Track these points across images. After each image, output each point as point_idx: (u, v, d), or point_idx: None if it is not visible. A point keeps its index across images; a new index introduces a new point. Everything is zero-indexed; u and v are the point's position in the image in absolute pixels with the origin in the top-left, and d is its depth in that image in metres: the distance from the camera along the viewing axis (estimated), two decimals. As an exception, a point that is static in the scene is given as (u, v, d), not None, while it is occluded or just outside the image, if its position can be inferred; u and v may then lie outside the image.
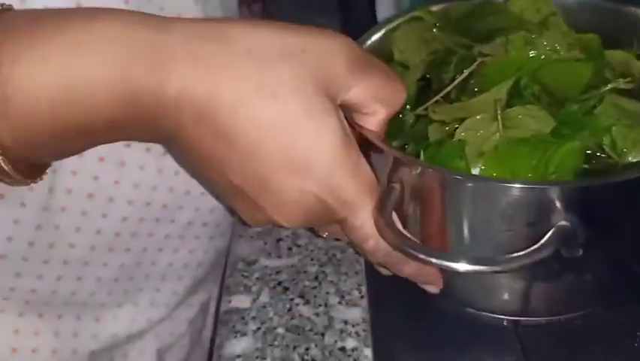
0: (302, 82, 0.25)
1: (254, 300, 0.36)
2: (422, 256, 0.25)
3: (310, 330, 0.34)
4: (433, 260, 0.25)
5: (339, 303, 0.35)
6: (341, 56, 0.26)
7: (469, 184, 0.27)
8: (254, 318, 0.34)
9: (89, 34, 0.24)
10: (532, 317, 0.32)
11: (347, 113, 0.28)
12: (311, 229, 0.36)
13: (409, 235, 0.28)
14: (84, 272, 0.37)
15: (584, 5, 0.36)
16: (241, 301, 0.36)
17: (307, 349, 0.33)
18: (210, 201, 0.40)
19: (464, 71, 0.33)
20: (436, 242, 0.29)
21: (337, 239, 0.36)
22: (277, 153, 0.25)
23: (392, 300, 0.35)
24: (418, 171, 0.27)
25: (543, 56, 0.32)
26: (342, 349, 0.32)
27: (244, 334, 0.34)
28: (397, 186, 0.28)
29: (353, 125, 0.29)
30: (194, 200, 0.39)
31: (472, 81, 0.33)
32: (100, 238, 0.37)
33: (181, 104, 0.25)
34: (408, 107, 0.33)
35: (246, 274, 0.37)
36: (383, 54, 0.36)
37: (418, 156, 0.30)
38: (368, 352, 0.32)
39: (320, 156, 0.25)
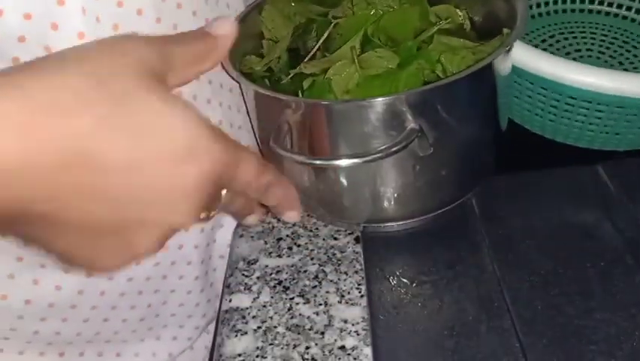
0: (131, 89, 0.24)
1: (254, 299, 0.36)
2: (314, 161, 0.33)
3: (310, 329, 0.34)
4: (319, 162, 0.33)
5: (339, 302, 0.35)
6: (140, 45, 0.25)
7: (339, 107, 0.34)
8: (254, 317, 0.35)
9: None
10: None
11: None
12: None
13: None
14: (111, 315, 0.38)
15: None
16: (241, 300, 0.36)
17: (307, 348, 0.33)
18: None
19: (324, 33, 0.40)
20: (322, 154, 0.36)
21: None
22: (146, 161, 0.24)
23: (392, 299, 0.35)
24: (300, 106, 0.34)
25: (381, 12, 0.40)
26: (342, 348, 0.33)
27: (244, 333, 0.34)
28: (285, 122, 0.34)
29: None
30: None
31: (331, 40, 0.39)
32: (131, 285, 0.37)
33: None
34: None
35: (246, 273, 0.38)
36: (256, 33, 0.42)
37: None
38: (368, 351, 0.32)
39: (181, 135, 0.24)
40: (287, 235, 0.40)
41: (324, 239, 0.39)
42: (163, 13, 0.33)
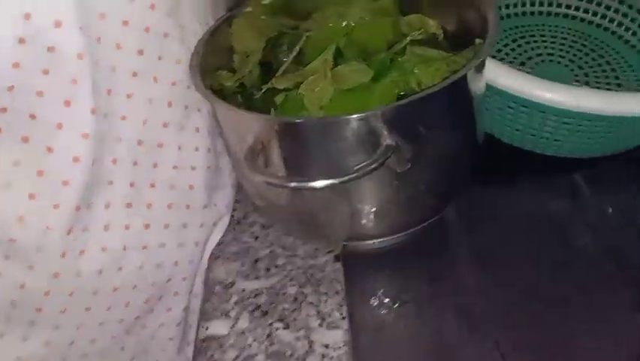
0: None
1: (232, 326, 0.35)
2: (289, 184, 0.31)
3: (291, 355, 0.33)
4: (294, 184, 0.31)
5: (320, 325, 0.34)
6: None
7: (313, 125, 0.33)
8: (232, 345, 0.33)
9: None
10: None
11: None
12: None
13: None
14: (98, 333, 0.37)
15: None
16: (219, 327, 0.35)
17: (288, 376, 0.32)
18: None
19: (296, 47, 0.38)
20: (297, 174, 0.34)
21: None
22: None
23: (373, 321, 0.34)
24: (272, 124, 0.33)
25: (353, 24, 0.38)
26: (324, 374, 0.32)
27: (223, 363, 0.33)
28: (258, 142, 0.33)
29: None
30: None
31: (303, 54, 0.38)
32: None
33: None
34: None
35: (223, 298, 0.36)
36: (227, 47, 0.41)
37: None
38: (350, 376, 0.31)
39: None
40: (264, 255, 0.39)
41: (302, 258, 0.38)
42: None
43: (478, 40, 0.35)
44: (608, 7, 0.56)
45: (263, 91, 0.38)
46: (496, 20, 0.35)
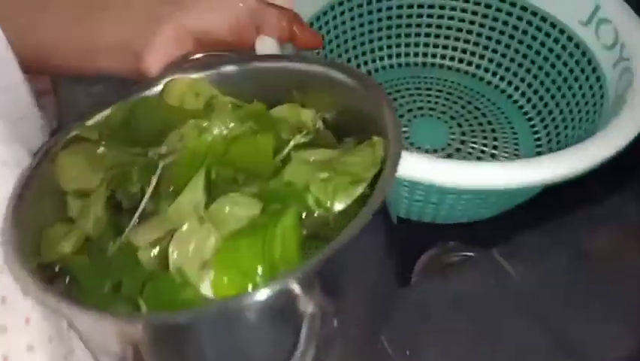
0: None
1: None
2: None
3: None
4: None
5: None
6: None
7: (205, 318, 0.23)
8: None
9: None
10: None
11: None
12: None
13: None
14: None
15: (243, 72, 0.34)
16: None
17: None
18: None
19: (151, 179, 0.29)
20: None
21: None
22: None
23: None
24: (140, 326, 0.22)
25: (221, 139, 0.30)
26: None
27: None
28: (128, 348, 0.22)
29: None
30: None
31: (165, 186, 0.29)
32: None
33: None
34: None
35: None
36: (55, 190, 0.30)
37: (136, 303, 0.25)
38: None
39: None
40: None
41: None
42: None
43: (376, 139, 0.29)
44: (482, 57, 0.55)
45: (117, 246, 0.29)
46: (392, 115, 0.29)
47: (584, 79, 0.46)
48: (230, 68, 0.35)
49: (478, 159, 0.49)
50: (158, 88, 0.33)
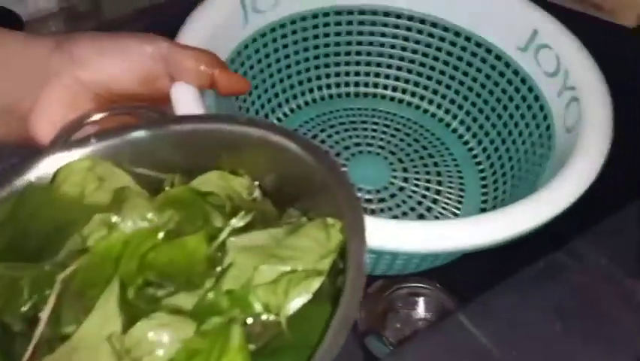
0: None
1: None
2: None
3: None
4: None
5: None
6: None
7: None
8: None
9: None
10: None
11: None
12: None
13: None
14: None
15: (159, 137, 0.29)
16: None
17: None
18: None
19: (48, 298, 0.22)
20: None
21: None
22: None
23: None
24: None
25: (137, 238, 0.24)
26: None
27: None
28: None
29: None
30: None
31: (70, 304, 0.23)
32: None
33: None
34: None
35: None
36: None
37: None
38: None
39: None
40: None
41: None
42: None
43: (331, 221, 0.24)
44: (416, 84, 0.52)
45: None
46: (347, 188, 0.24)
47: (525, 108, 0.44)
48: (141, 134, 0.29)
49: (423, 197, 0.46)
50: (48, 169, 0.26)
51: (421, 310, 0.42)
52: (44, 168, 0.27)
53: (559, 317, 0.33)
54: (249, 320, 0.23)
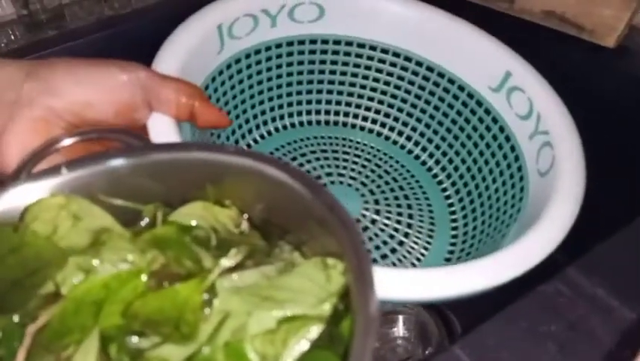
0: None
1: None
2: None
3: None
4: None
5: None
6: None
7: None
8: None
9: None
10: None
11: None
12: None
13: None
14: None
15: (139, 166, 0.27)
16: None
17: None
18: None
19: (18, 352, 0.20)
20: None
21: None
22: None
23: None
24: None
25: (119, 280, 0.22)
26: None
27: None
28: None
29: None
30: None
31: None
32: None
33: None
34: None
35: None
36: None
37: None
38: None
39: None
40: None
41: None
42: None
43: (330, 261, 0.23)
44: (396, 119, 0.52)
45: None
46: (349, 225, 0.23)
47: (496, 147, 0.45)
48: (119, 162, 0.27)
49: (395, 230, 0.46)
50: (12, 202, 0.24)
51: (400, 328, 0.42)
52: (7, 202, 0.25)
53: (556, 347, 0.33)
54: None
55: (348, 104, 0.52)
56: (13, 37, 0.47)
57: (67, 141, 0.29)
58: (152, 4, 0.52)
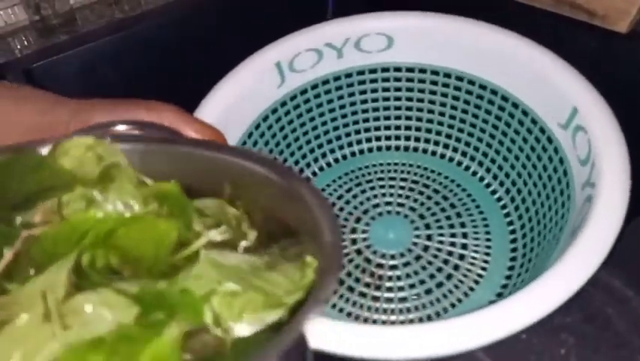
0: None
1: None
2: None
3: None
4: None
5: None
6: None
7: None
8: None
9: None
10: None
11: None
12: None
13: None
14: None
15: (169, 155, 0.28)
16: None
17: None
18: None
19: (4, 251, 0.22)
20: None
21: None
22: None
23: None
24: None
25: (113, 219, 0.24)
26: None
27: None
28: None
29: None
30: None
31: (27, 264, 0.22)
32: None
33: None
34: None
35: None
36: None
37: None
38: None
39: None
40: None
41: None
42: None
43: (309, 260, 0.22)
44: (448, 136, 0.50)
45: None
46: (335, 238, 0.22)
47: (552, 170, 0.41)
48: (152, 147, 0.28)
49: (449, 253, 0.44)
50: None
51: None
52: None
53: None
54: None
55: (418, 129, 0.52)
56: (26, 43, 0.49)
57: (122, 127, 0.32)
58: (160, 6, 0.52)
